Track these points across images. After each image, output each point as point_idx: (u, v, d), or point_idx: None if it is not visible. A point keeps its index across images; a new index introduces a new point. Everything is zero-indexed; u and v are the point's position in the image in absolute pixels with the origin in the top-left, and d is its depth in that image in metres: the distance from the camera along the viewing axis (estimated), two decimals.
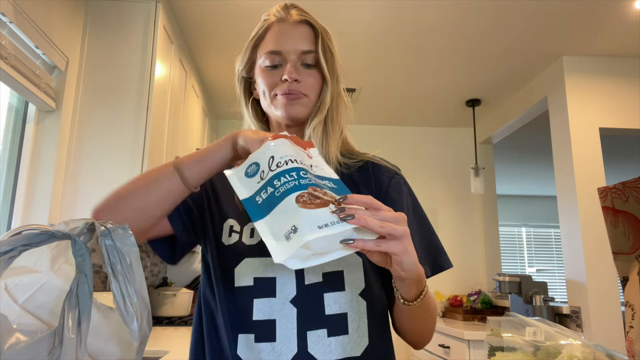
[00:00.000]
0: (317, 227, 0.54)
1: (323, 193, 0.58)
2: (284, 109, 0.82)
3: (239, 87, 0.92)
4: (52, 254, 0.51)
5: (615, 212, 0.75)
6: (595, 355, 0.62)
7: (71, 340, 0.45)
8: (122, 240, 0.50)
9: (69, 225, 0.51)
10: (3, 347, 0.44)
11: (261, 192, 0.60)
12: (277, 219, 0.57)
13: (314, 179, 0.60)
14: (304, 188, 0.57)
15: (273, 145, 0.63)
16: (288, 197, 0.57)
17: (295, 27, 0.85)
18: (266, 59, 0.84)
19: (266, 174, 0.61)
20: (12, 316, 0.48)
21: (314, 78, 0.84)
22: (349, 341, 0.74)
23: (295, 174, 0.59)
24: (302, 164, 0.61)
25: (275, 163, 0.61)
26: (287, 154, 0.62)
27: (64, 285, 0.50)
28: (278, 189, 0.58)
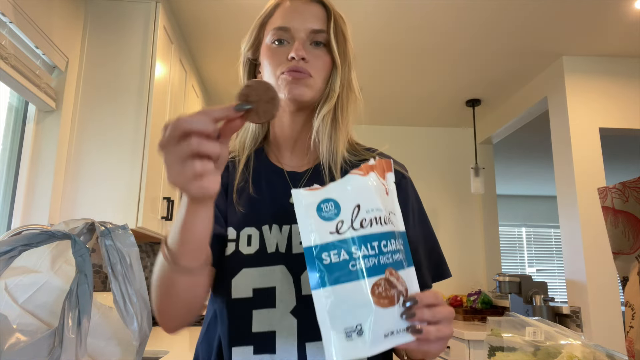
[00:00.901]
0: (383, 336, 0.48)
1: (397, 278, 0.50)
2: (288, 88, 0.75)
3: (242, 70, 0.86)
4: (52, 254, 0.51)
5: (615, 212, 0.75)
6: (595, 355, 0.62)
7: (71, 340, 0.45)
8: (122, 240, 0.50)
9: (69, 225, 0.51)
10: (3, 347, 0.44)
11: (332, 250, 0.49)
12: (343, 301, 0.48)
13: (392, 254, 0.51)
14: (381, 271, 0.49)
15: (363, 184, 0.52)
16: (363, 281, 0.48)
17: (306, 5, 0.80)
18: (273, 36, 0.79)
19: (345, 229, 0.50)
20: (12, 316, 0.48)
21: (322, 60, 0.78)
22: None
23: (377, 246, 0.50)
24: (386, 222, 0.51)
25: (359, 218, 0.50)
26: (374, 206, 0.51)
27: (64, 285, 0.50)
28: (355, 262, 0.49)
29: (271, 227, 0.75)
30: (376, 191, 0.52)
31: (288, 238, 0.74)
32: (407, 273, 0.52)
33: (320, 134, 0.78)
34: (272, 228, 0.75)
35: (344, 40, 0.80)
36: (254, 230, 0.74)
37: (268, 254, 0.73)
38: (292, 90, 0.75)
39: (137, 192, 1.99)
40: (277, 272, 0.72)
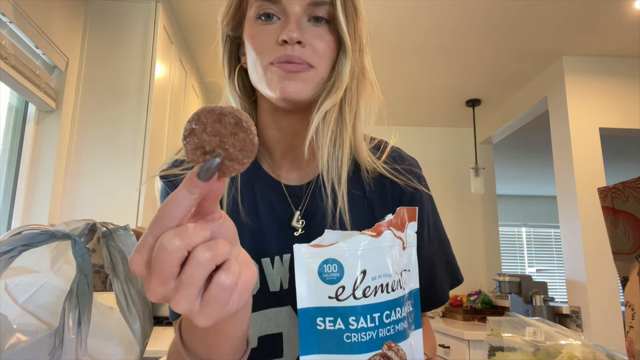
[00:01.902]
0: None
1: (396, 351, 0.45)
2: (279, 86, 0.56)
3: (222, 50, 0.65)
4: (52, 254, 0.51)
5: (615, 212, 0.75)
6: (595, 355, 0.62)
7: (71, 340, 0.45)
8: (124, 240, 0.50)
9: (69, 226, 0.51)
10: (3, 347, 0.44)
11: (328, 317, 0.44)
12: None
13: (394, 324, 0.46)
14: (378, 346, 0.44)
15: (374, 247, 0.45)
16: (356, 357, 0.44)
17: None
18: (258, 8, 0.58)
19: (346, 296, 0.44)
20: (13, 316, 0.48)
21: (325, 41, 0.58)
22: None
23: (378, 318, 0.45)
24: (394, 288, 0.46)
25: (363, 286, 0.44)
26: (383, 272, 0.46)
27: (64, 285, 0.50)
28: (349, 334, 0.44)
29: (273, 259, 0.62)
30: (388, 253, 0.46)
31: (290, 270, 0.62)
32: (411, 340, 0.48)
33: (319, 136, 0.59)
34: (274, 261, 0.62)
35: (355, 11, 0.60)
36: None
37: (271, 293, 0.62)
38: (285, 89, 0.56)
39: (137, 192, 1.99)
40: (283, 315, 0.61)
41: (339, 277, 0.44)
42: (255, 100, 0.67)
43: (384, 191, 0.67)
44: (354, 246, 0.45)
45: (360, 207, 0.64)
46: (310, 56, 0.57)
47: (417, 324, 0.49)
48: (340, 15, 0.57)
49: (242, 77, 0.66)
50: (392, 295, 0.46)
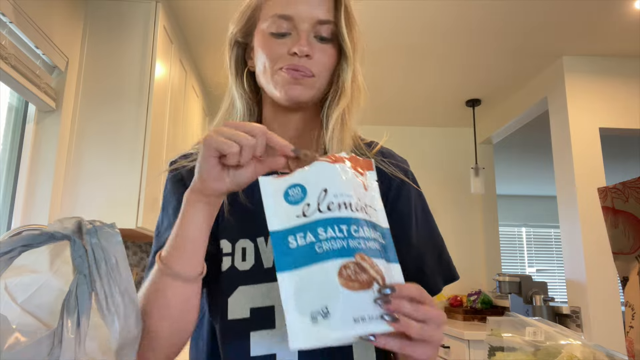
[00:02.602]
0: (352, 320, 0.44)
1: (371, 265, 0.47)
2: (286, 88, 0.66)
3: (229, 53, 0.76)
4: (51, 254, 0.51)
5: (615, 212, 0.75)
6: (595, 355, 0.62)
7: (70, 340, 0.45)
8: (108, 239, 0.50)
9: (63, 224, 0.51)
10: (2, 348, 0.44)
11: (298, 233, 0.47)
12: (309, 284, 0.46)
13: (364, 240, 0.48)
14: (351, 254, 0.46)
15: (331, 171, 0.50)
16: (330, 262, 0.46)
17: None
18: (272, 24, 0.68)
19: (312, 211, 0.48)
20: (12, 316, 0.48)
21: (328, 55, 0.68)
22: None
23: (346, 230, 0.47)
24: (357, 209, 0.49)
25: (327, 202, 0.48)
26: (344, 192, 0.49)
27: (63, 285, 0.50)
28: (321, 244, 0.46)
29: (267, 238, 0.68)
30: (346, 179, 0.50)
31: None
32: (388, 266, 0.49)
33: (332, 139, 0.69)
34: (268, 240, 0.68)
35: (354, 29, 0.70)
36: (248, 243, 0.68)
37: (265, 269, 0.67)
38: (289, 92, 0.66)
39: (137, 192, 1.99)
40: (275, 289, 0.64)
41: (303, 197, 0.48)
42: (259, 99, 0.75)
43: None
44: (313, 169, 0.50)
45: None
46: (314, 67, 0.67)
47: (392, 259, 0.50)
48: (344, 30, 0.68)
49: (248, 79, 0.75)
50: (357, 215, 0.48)
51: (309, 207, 0.48)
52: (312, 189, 0.48)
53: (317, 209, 0.48)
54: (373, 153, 0.77)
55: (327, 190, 0.48)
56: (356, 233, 0.47)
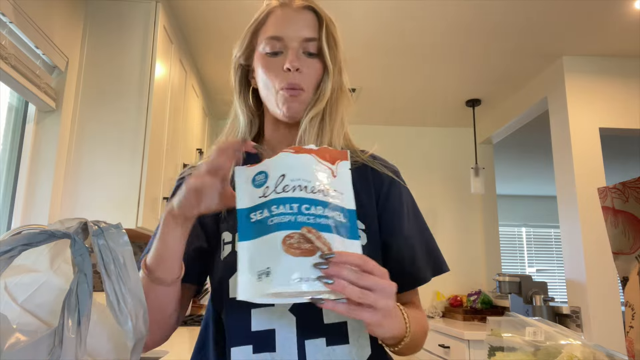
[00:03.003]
0: (290, 279, 0.51)
1: (317, 237, 0.54)
2: (287, 106, 0.78)
3: (234, 75, 0.89)
4: (51, 253, 0.51)
5: (615, 212, 0.75)
6: (595, 355, 0.62)
7: (71, 340, 0.45)
8: (115, 239, 0.50)
9: (64, 225, 0.51)
10: (3, 347, 0.44)
11: (257, 210, 0.57)
12: (259, 250, 0.55)
13: (315, 217, 0.55)
14: (297, 227, 0.54)
15: (292, 159, 0.58)
16: (277, 233, 0.54)
17: (298, 13, 0.81)
18: (266, 45, 0.79)
19: (269, 192, 0.57)
20: (12, 316, 0.48)
21: (314, 69, 0.79)
22: (349, 351, 0.71)
23: (296, 207, 0.55)
24: (314, 191, 0.56)
25: (283, 184, 0.56)
26: (301, 177, 0.57)
27: (64, 284, 0.50)
28: (272, 218, 0.55)
29: None
30: (304, 167, 0.58)
31: None
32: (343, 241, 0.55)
33: (306, 135, 0.78)
34: None
35: (335, 45, 0.81)
36: None
37: None
38: (290, 110, 0.78)
39: (137, 192, 1.99)
40: None
41: (265, 181, 0.58)
42: (260, 113, 0.88)
43: (365, 176, 0.83)
44: (276, 158, 0.59)
45: None
46: (303, 81, 0.78)
47: (352, 236, 0.57)
48: (325, 48, 0.79)
49: (251, 95, 0.87)
50: (312, 196, 0.56)
51: (268, 189, 0.57)
52: (272, 174, 0.57)
53: (274, 191, 0.56)
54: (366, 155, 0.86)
55: (285, 175, 0.57)
56: (307, 210, 0.55)
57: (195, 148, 3.07)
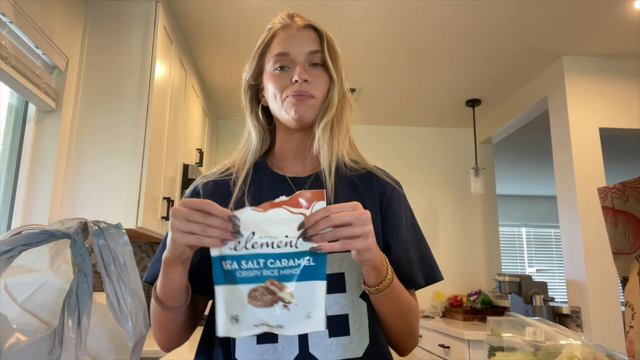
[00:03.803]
0: (253, 325, 0.63)
1: (280, 288, 0.64)
2: (295, 109, 0.83)
3: (245, 96, 0.94)
4: (51, 253, 0.51)
5: (615, 212, 0.75)
6: (595, 355, 0.62)
7: (71, 339, 0.45)
8: (115, 239, 0.50)
9: (64, 225, 0.51)
10: (3, 347, 0.44)
11: (228, 260, 0.64)
12: (230, 296, 0.64)
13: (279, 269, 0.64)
14: (262, 280, 0.64)
15: (260, 218, 0.64)
16: (244, 286, 0.64)
17: (300, 32, 0.88)
18: (275, 63, 0.86)
19: (240, 247, 0.64)
20: (12, 316, 0.48)
21: (322, 78, 0.86)
22: (350, 342, 0.76)
23: (262, 262, 0.64)
24: (279, 246, 0.64)
25: (252, 241, 0.64)
26: (268, 234, 0.64)
27: (64, 284, 0.50)
28: (240, 271, 0.64)
29: None
30: (275, 223, 0.65)
31: None
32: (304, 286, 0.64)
33: (320, 142, 0.85)
34: None
35: (337, 57, 0.89)
36: None
37: None
38: (298, 112, 0.84)
39: (137, 192, 1.99)
40: None
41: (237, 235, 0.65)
42: (272, 128, 0.94)
43: (370, 183, 0.90)
44: (247, 217, 0.65)
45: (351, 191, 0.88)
46: (313, 89, 0.84)
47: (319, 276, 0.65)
48: (328, 60, 0.86)
49: (261, 112, 0.93)
50: (278, 250, 0.64)
51: (239, 244, 0.64)
52: (244, 232, 0.64)
53: (244, 246, 0.64)
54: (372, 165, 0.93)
55: (255, 233, 0.64)
56: (272, 265, 0.64)
57: (195, 148, 3.07)
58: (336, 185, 0.86)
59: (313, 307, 0.64)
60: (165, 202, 2.35)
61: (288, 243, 0.65)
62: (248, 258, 0.64)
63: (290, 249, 0.65)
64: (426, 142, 4.14)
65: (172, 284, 0.70)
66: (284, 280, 0.64)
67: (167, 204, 2.36)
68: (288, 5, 2.37)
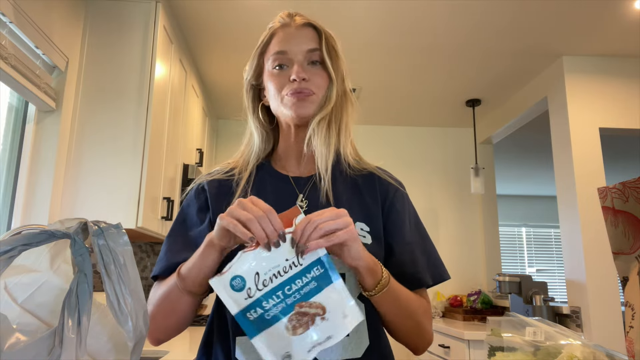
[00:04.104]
0: (306, 352, 0.65)
1: (309, 306, 0.66)
2: (294, 107, 0.84)
3: (247, 96, 0.94)
4: (51, 253, 0.51)
5: (615, 212, 0.75)
6: (595, 355, 0.62)
7: (71, 340, 0.45)
8: (115, 239, 0.50)
9: (64, 225, 0.51)
10: (3, 347, 0.44)
11: (251, 310, 0.65)
12: (272, 340, 0.65)
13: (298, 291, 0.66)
14: (291, 309, 0.65)
15: (253, 256, 0.66)
16: (278, 323, 0.65)
17: (299, 30, 0.88)
18: (274, 61, 0.87)
19: (253, 292, 0.65)
20: (12, 316, 0.48)
21: (320, 76, 0.86)
22: (349, 342, 0.76)
23: (281, 294, 0.65)
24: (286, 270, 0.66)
25: (261, 281, 0.66)
26: (270, 266, 0.66)
27: (64, 284, 0.50)
28: (267, 312, 0.65)
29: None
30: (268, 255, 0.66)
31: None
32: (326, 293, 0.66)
33: (314, 137, 0.84)
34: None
35: (336, 55, 0.88)
36: None
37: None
38: (298, 109, 0.84)
39: (137, 192, 1.99)
40: None
41: (244, 284, 0.66)
42: (275, 127, 0.94)
43: (372, 182, 0.90)
44: (242, 262, 0.66)
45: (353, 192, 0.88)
46: (312, 86, 0.84)
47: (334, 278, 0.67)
48: (326, 58, 0.86)
49: (264, 112, 0.94)
50: (287, 276, 0.66)
51: (251, 289, 0.65)
52: (247, 277, 0.66)
53: (257, 289, 0.65)
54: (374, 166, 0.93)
55: (259, 273, 0.66)
56: (289, 291, 0.66)
57: (195, 148, 3.07)
58: (338, 186, 0.86)
59: (344, 307, 0.67)
60: (165, 202, 2.35)
61: (292, 264, 0.67)
62: (267, 297, 0.65)
63: (297, 269, 0.67)
64: (426, 142, 4.14)
65: (206, 268, 0.72)
66: (308, 298, 0.66)
67: (167, 204, 2.36)
68: (288, 5, 2.37)
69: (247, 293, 0.65)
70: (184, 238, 0.85)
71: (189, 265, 0.74)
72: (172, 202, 2.40)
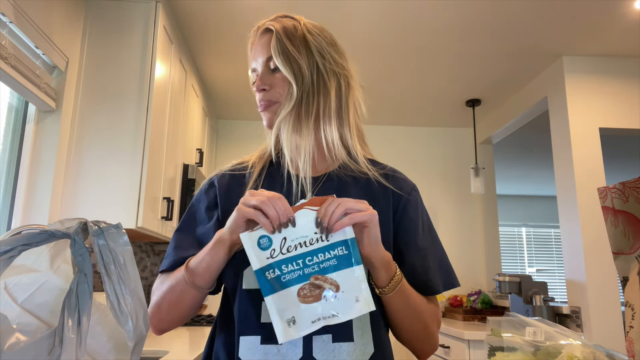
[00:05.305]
0: (310, 322, 0.68)
1: (324, 280, 0.69)
2: (263, 118, 0.89)
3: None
4: (51, 253, 0.51)
5: (615, 212, 0.75)
6: (595, 355, 0.62)
7: (71, 340, 0.45)
8: (115, 239, 0.50)
9: (64, 225, 0.51)
10: (3, 347, 0.44)
11: (270, 270, 0.69)
12: (282, 302, 0.69)
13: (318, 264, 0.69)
14: (306, 279, 0.69)
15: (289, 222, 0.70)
16: (292, 288, 0.69)
17: (260, 39, 0.89)
18: (251, 78, 0.90)
19: (276, 254, 0.69)
20: (12, 316, 0.48)
21: (281, 80, 0.85)
22: (354, 349, 0.76)
23: (301, 262, 0.69)
24: (312, 242, 0.70)
25: (286, 246, 0.69)
26: (299, 235, 0.70)
27: (64, 284, 0.50)
28: (284, 275, 0.69)
29: None
30: (302, 223, 0.70)
31: None
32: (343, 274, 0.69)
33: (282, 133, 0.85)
34: None
35: (288, 53, 0.84)
36: None
37: None
38: (265, 120, 0.88)
39: (137, 192, 1.99)
40: None
41: (269, 244, 0.70)
42: None
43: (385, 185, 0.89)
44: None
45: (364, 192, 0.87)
46: (273, 95, 0.86)
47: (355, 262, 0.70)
48: (278, 63, 0.84)
49: None
50: (311, 247, 0.70)
51: (275, 251, 0.69)
52: (275, 239, 0.70)
53: (280, 252, 0.69)
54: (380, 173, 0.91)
55: (286, 238, 0.70)
56: (310, 262, 0.69)
57: (195, 148, 3.07)
58: (349, 187, 0.87)
59: (359, 291, 0.69)
60: (165, 202, 2.35)
61: (319, 238, 0.70)
62: (288, 261, 0.69)
63: (322, 243, 0.70)
64: (426, 142, 4.14)
65: (214, 264, 0.75)
66: (325, 272, 0.69)
67: (167, 204, 2.36)
68: (288, 5, 2.37)
69: (271, 253, 0.69)
70: (192, 234, 0.86)
71: (198, 260, 0.76)
72: (172, 202, 2.40)
